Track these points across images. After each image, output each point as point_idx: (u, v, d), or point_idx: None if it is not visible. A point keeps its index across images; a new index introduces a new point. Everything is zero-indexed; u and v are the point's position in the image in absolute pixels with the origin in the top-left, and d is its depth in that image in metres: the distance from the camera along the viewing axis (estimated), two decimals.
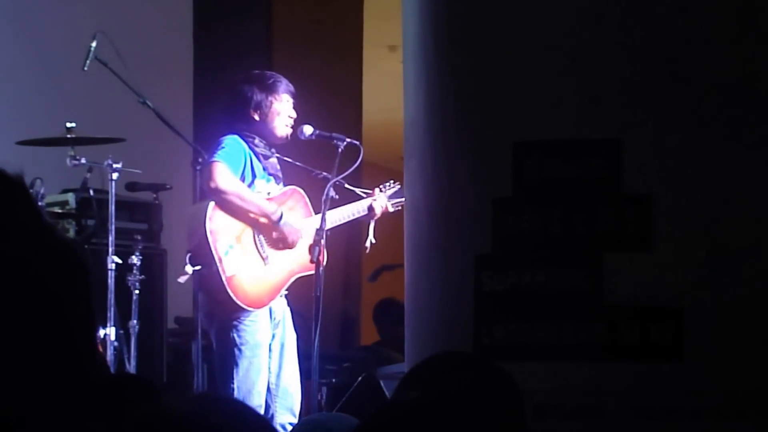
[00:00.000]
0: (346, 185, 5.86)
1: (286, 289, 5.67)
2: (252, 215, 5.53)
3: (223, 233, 5.46)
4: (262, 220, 5.55)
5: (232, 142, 5.55)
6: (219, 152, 5.48)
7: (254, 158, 5.62)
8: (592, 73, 3.57)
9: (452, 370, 2.26)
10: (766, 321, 3.45)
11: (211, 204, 5.48)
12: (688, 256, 3.47)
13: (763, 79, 3.51)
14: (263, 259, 5.55)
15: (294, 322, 5.69)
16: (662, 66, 3.53)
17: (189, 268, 5.51)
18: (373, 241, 5.82)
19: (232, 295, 5.41)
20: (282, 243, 5.57)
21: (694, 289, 3.46)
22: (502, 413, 2.17)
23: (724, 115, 3.50)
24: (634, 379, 3.49)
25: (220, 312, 5.51)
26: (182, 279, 5.64)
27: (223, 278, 5.40)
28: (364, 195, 5.91)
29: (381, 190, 5.91)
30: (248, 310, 5.48)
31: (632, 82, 3.54)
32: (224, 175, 5.44)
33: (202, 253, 5.45)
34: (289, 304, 5.69)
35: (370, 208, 5.86)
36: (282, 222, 5.54)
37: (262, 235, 5.57)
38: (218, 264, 5.41)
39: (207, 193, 5.52)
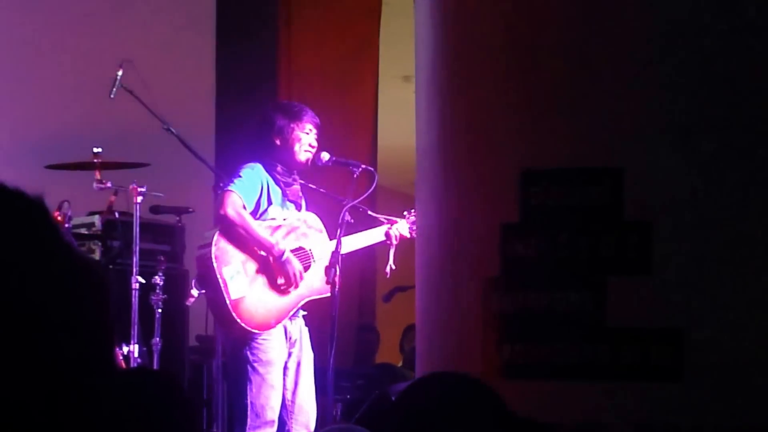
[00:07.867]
0: (369, 212, 5.95)
1: (305, 310, 5.76)
2: (255, 248, 5.61)
3: (229, 258, 5.55)
4: (264, 254, 5.61)
5: (249, 171, 5.64)
6: (235, 182, 5.59)
7: (273, 185, 5.72)
8: (594, 105, 3.68)
9: (445, 390, 2.35)
10: (762, 341, 3.55)
11: (218, 230, 5.58)
12: (687, 279, 3.56)
13: (760, 109, 3.61)
14: (273, 284, 5.63)
15: (312, 340, 5.80)
16: (662, 97, 3.64)
17: (195, 291, 5.66)
18: (393, 267, 5.85)
19: (236, 317, 5.50)
20: (284, 277, 5.62)
21: (692, 311, 3.55)
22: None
23: (721, 144, 3.59)
24: (636, 398, 3.58)
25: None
26: (189, 301, 5.80)
27: (228, 301, 5.50)
28: (385, 221, 5.99)
29: (405, 216, 5.99)
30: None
31: (633, 114, 3.64)
32: (234, 205, 5.53)
33: (207, 277, 5.57)
34: (307, 324, 5.79)
35: (387, 236, 5.94)
36: (284, 258, 5.61)
37: (268, 269, 5.64)
38: (223, 288, 5.49)
39: (216, 219, 5.64)
